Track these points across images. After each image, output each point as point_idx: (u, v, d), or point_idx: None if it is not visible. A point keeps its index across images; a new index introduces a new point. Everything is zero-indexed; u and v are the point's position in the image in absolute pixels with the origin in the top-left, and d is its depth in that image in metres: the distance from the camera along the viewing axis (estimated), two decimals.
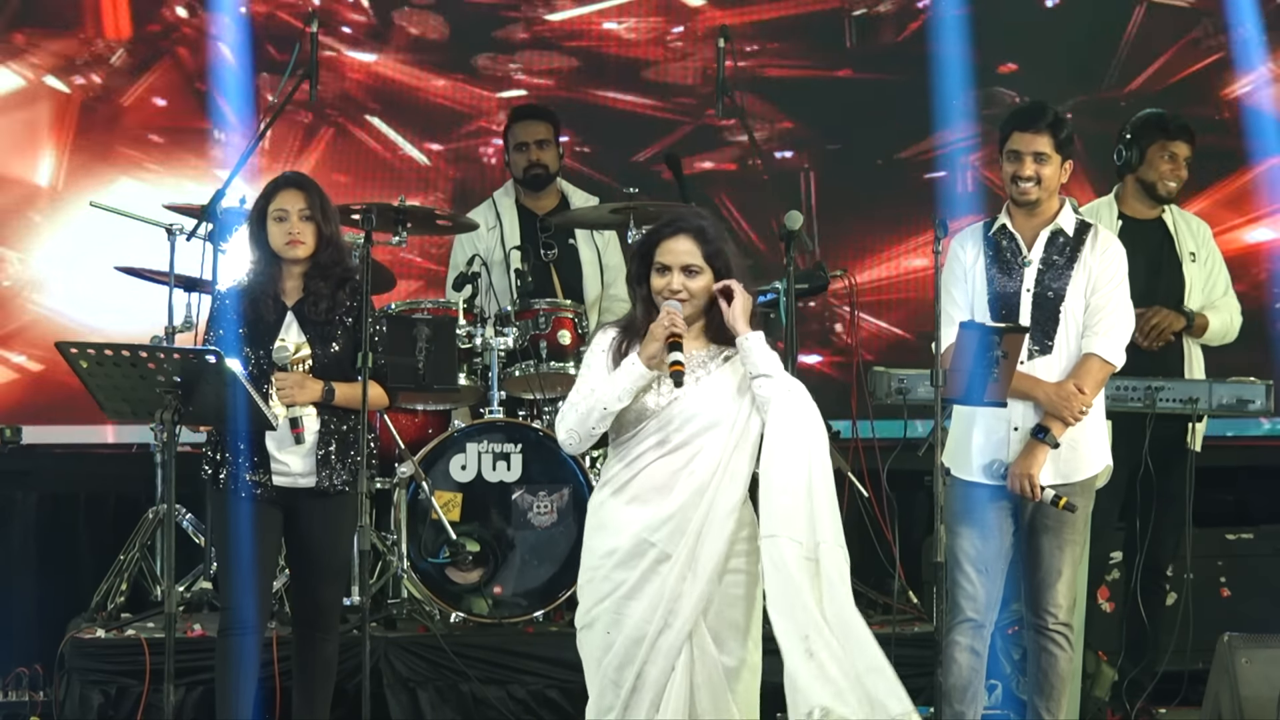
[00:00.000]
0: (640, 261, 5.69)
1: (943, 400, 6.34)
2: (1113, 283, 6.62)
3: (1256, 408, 7.58)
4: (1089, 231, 6.69)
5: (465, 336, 8.07)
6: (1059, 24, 9.94)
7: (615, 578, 5.56)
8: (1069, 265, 6.62)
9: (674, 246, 5.63)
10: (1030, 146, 6.60)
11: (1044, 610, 6.60)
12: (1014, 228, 6.67)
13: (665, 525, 5.53)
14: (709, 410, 5.58)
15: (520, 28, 9.86)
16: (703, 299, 5.63)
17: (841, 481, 8.16)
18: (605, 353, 5.67)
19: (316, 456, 6.58)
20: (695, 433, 5.57)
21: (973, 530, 6.56)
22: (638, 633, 5.53)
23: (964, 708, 6.56)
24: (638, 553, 5.54)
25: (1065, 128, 6.64)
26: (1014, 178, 6.62)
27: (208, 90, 9.59)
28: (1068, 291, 6.60)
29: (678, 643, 5.51)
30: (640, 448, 5.60)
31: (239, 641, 6.53)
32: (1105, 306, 6.59)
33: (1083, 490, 6.63)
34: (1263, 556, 8.52)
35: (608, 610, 5.57)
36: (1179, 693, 7.75)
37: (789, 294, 7.68)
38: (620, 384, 5.55)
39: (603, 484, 5.68)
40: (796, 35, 9.92)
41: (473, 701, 7.56)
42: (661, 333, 5.53)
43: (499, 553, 7.87)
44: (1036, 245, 6.64)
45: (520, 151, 8.82)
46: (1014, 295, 6.61)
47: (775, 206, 7.97)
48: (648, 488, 5.58)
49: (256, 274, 6.66)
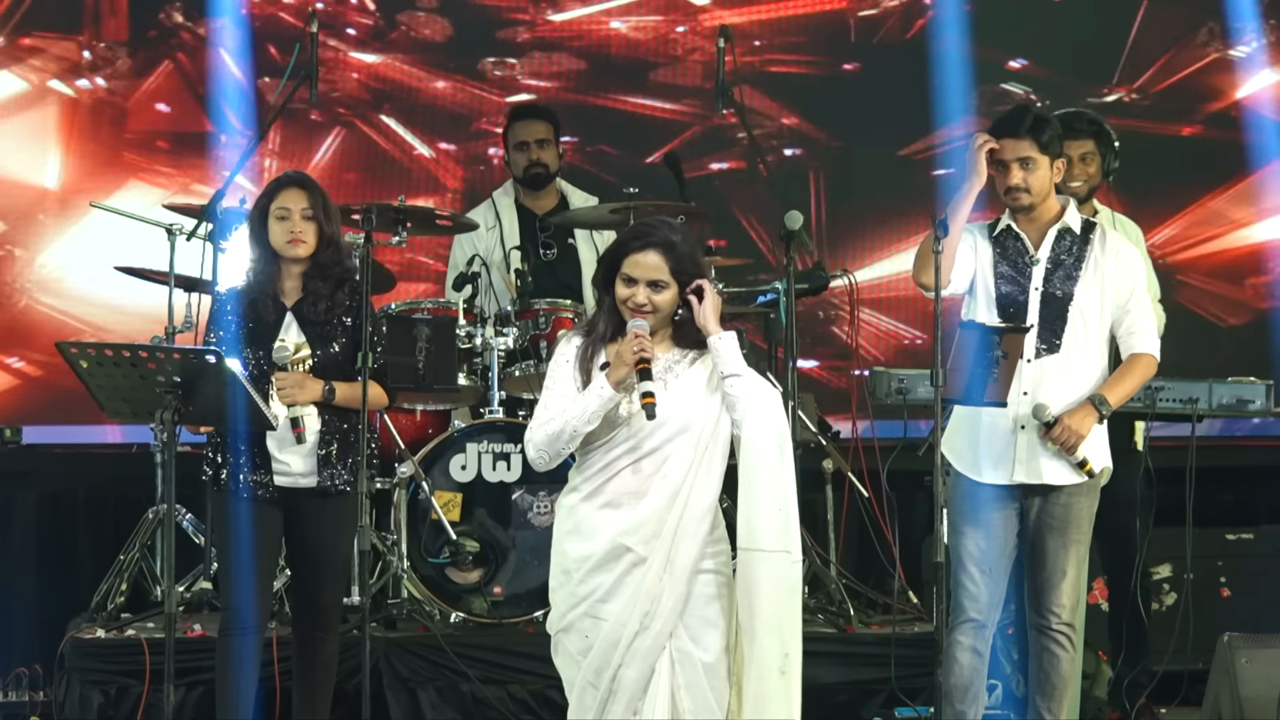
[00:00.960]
0: (607, 269, 5.67)
1: (943, 400, 6.33)
2: (1139, 286, 6.65)
3: (1256, 408, 7.57)
4: (1095, 230, 6.69)
5: (465, 336, 8.07)
6: (1066, 20, 9.94)
7: (591, 582, 5.55)
8: (1078, 265, 6.61)
9: (642, 260, 5.60)
10: (1014, 153, 6.57)
11: (1047, 610, 6.59)
12: (1019, 228, 6.67)
13: (640, 529, 5.52)
14: (680, 414, 5.56)
15: (524, 29, 9.88)
16: (668, 311, 5.62)
17: (841, 481, 8.20)
18: (570, 363, 5.64)
19: (318, 456, 6.58)
20: (667, 438, 5.56)
21: (977, 530, 6.55)
22: (614, 635, 5.52)
23: (965, 707, 6.55)
24: (613, 556, 5.54)
25: (1048, 128, 6.60)
26: (1005, 188, 6.61)
27: (208, 94, 9.61)
28: (1076, 291, 6.60)
29: (656, 645, 5.51)
30: (612, 454, 5.58)
31: (239, 642, 6.53)
32: (1138, 309, 6.63)
33: (1088, 491, 6.63)
34: (1263, 556, 8.51)
35: (584, 615, 5.57)
36: (1179, 693, 7.73)
37: (789, 294, 7.69)
38: (589, 407, 5.52)
39: (572, 488, 5.66)
40: (803, 32, 9.93)
41: (473, 701, 7.56)
42: (631, 357, 5.50)
43: (499, 553, 7.87)
44: (1044, 244, 6.64)
45: (520, 151, 8.82)
46: (1022, 294, 6.61)
47: (783, 205, 7.96)
48: (620, 493, 5.57)
49: (256, 273, 6.66)
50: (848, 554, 8.45)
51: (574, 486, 5.66)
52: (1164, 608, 8.23)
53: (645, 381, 5.49)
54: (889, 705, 7.60)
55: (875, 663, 7.58)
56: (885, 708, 7.61)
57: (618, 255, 5.65)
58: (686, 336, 5.64)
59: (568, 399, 5.58)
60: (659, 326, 5.63)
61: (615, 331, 5.63)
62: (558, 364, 5.67)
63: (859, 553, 8.57)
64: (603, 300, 5.71)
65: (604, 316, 5.67)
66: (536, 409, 5.68)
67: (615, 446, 5.58)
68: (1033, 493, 6.58)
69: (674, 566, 5.51)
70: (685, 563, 5.52)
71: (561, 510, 5.68)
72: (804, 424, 8.03)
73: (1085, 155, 7.63)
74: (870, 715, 7.62)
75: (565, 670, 5.66)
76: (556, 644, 5.67)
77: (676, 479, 5.54)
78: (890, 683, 7.51)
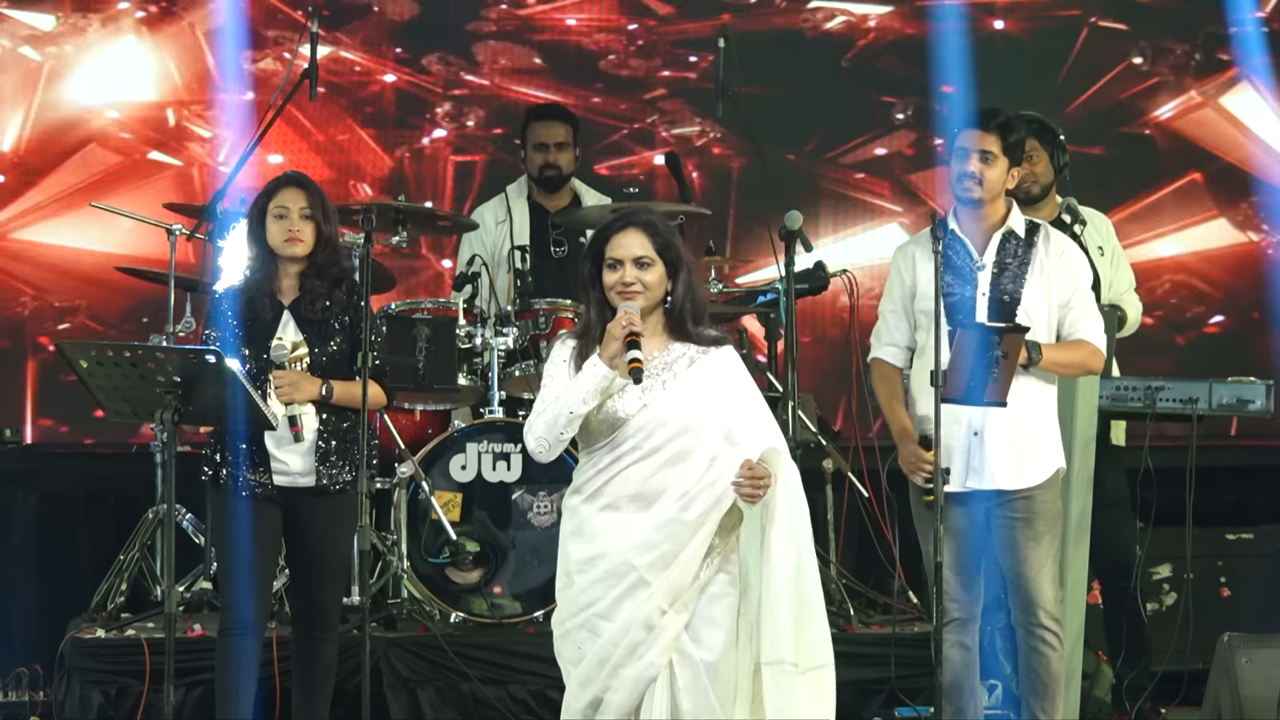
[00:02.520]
0: (592, 262, 5.65)
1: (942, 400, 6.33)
2: (1083, 284, 6.64)
3: (1256, 408, 7.57)
4: (1039, 232, 6.68)
5: (465, 336, 8.08)
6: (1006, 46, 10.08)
7: (592, 593, 5.54)
8: (1023, 268, 6.60)
9: (623, 241, 5.60)
10: (977, 144, 6.57)
11: (1029, 609, 6.57)
12: (962, 232, 6.64)
13: (651, 551, 5.49)
14: (681, 414, 5.55)
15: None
16: (658, 292, 5.60)
17: (841, 481, 8.20)
18: (566, 363, 5.63)
19: (316, 455, 6.58)
20: (668, 438, 5.55)
21: (945, 537, 6.48)
22: (604, 654, 5.51)
23: (962, 703, 6.55)
24: (619, 573, 5.51)
25: (1015, 132, 6.61)
26: (960, 175, 6.59)
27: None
28: (1024, 294, 6.59)
29: (646, 676, 5.48)
30: (612, 455, 5.57)
31: (239, 642, 6.53)
32: (1081, 306, 6.62)
33: (1048, 486, 6.61)
34: (1263, 556, 8.52)
35: (581, 626, 5.56)
36: (1179, 693, 7.74)
37: (789, 294, 7.69)
38: (584, 387, 5.51)
39: (574, 490, 5.65)
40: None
41: (473, 701, 7.56)
42: (620, 331, 5.48)
43: (498, 553, 7.87)
44: (989, 249, 6.62)
45: (539, 151, 8.84)
46: (969, 300, 6.59)
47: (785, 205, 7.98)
48: (621, 495, 5.55)
49: (253, 272, 6.67)
50: (848, 554, 8.45)
51: (576, 488, 5.65)
52: (1164, 608, 8.23)
53: (633, 350, 5.47)
54: (889, 705, 7.60)
55: (875, 663, 7.58)
56: (885, 708, 7.61)
57: (599, 243, 5.63)
58: (679, 326, 5.63)
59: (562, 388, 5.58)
60: (649, 310, 5.61)
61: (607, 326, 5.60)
62: (553, 363, 5.67)
63: (859, 553, 8.57)
64: (590, 296, 5.68)
65: (594, 311, 5.65)
66: (534, 407, 5.68)
67: (616, 447, 5.57)
68: (993, 495, 6.56)
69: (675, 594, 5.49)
70: (687, 586, 5.50)
71: (565, 511, 5.68)
72: (804, 424, 8.03)
73: (1028, 153, 7.62)
74: (870, 715, 7.62)
75: (563, 668, 5.67)
76: (556, 645, 5.68)
77: (680, 482, 5.54)
78: (890, 683, 7.52)
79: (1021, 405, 6.50)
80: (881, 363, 6.71)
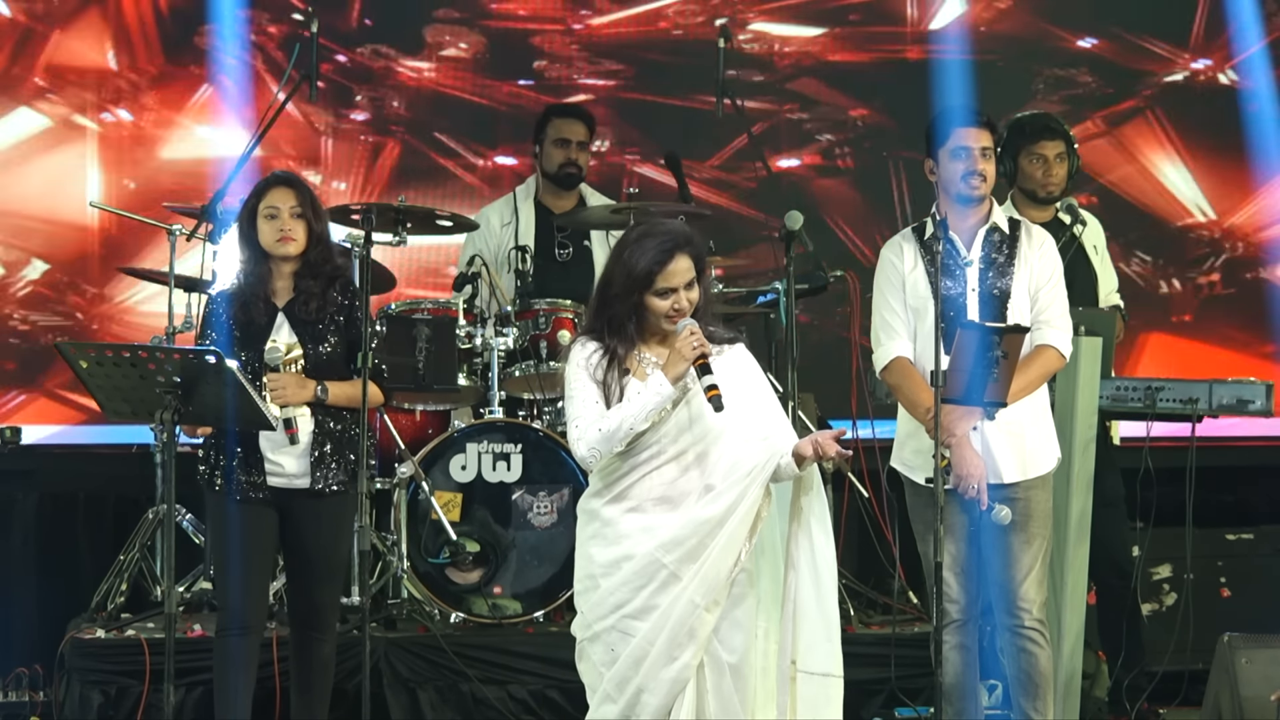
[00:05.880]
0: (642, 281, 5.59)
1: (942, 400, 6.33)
2: (1055, 276, 6.64)
3: (1256, 408, 7.57)
4: (1021, 227, 6.69)
5: (465, 336, 8.08)
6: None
7: (621, 595, 5.53)
8: (1010, 262, 6.61)
9: (675, 269, 5.59)
10: (978, 142, 6.58)
11: (1018, 608, 6.56)
12: (950, 231, 6.64)
13: (679, 547, 5.49)
14: (702, 417, 5.56)
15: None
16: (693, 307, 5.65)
17: (841, 481, 8.19)
18: (592, 366, 5.61)
19: (311, 457, 6.58)
20: (692, 442, 5.56)
21: (943, 536, 6.49)
22: (640, 652, 5.50)
23: (962, 703, 6.55)
24: (648, 573, 5.51)
25: (996, 132, 6.68)
26: (966, 173, 6.59)
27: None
28: (1013, 289, 6.59)
29: (681, 678, 5.49)
30: (639, 457, 5.57)
31: (237, 642, 6.54)
32: (1049, 297, 6.60)
33: (1041, 485, 6.61)
34: (1263, 556, 8.52)
35: (611, 628, 5.55)
36: (1179, 693, 7.74)
37: (789, 294, 7.68)
38: (647, 405, 5.50)
39: (594, 492, 5.64)
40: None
41: (473, 701, 7.56)
42: (691, 353, 5.50)
43: (498, 553, 7.87)
44: (975, 244, 6.63)
45: (560, 147, 8.82)
46: (960, 297, 6.58)
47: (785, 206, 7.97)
48: (646, 499, 5.56)
49: (246, 274, 6.67)
50: (848, 554, 8.43)
51: (596, 490, 5.63)
52: (1164, 608, 8.23)
53: (706, 375, 5.49)
54: (889, 705, 7.61)
55: (875, 663, 7.58)
56: (885, 708, 7.62)
57: (647, 276, 5.58)
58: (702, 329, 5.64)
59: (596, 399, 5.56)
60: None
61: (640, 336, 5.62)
62: (575, 366, 5.63)
63: (859, 553, 8.56)
64: (615, 305, 5.64)
65: (629, 319, 5.61)
66: (571, 411, 5.62)
67: (642, 450, 5.57)
68: (993, 490, 6.54)
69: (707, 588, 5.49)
70: (720, 581, 5.51)
71: (583, 514, 5.66)
72: (804, 424, 8.02)
73: (1060, 155, 7.67)
74: (870, 715, 7.62)
75: (587, 676, 5.64)
76: (581, 651, 5.65)
77: (704, 481, 5.54)
78: (890, 683, 7.52)
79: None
80: (901, 360, 6.63)
